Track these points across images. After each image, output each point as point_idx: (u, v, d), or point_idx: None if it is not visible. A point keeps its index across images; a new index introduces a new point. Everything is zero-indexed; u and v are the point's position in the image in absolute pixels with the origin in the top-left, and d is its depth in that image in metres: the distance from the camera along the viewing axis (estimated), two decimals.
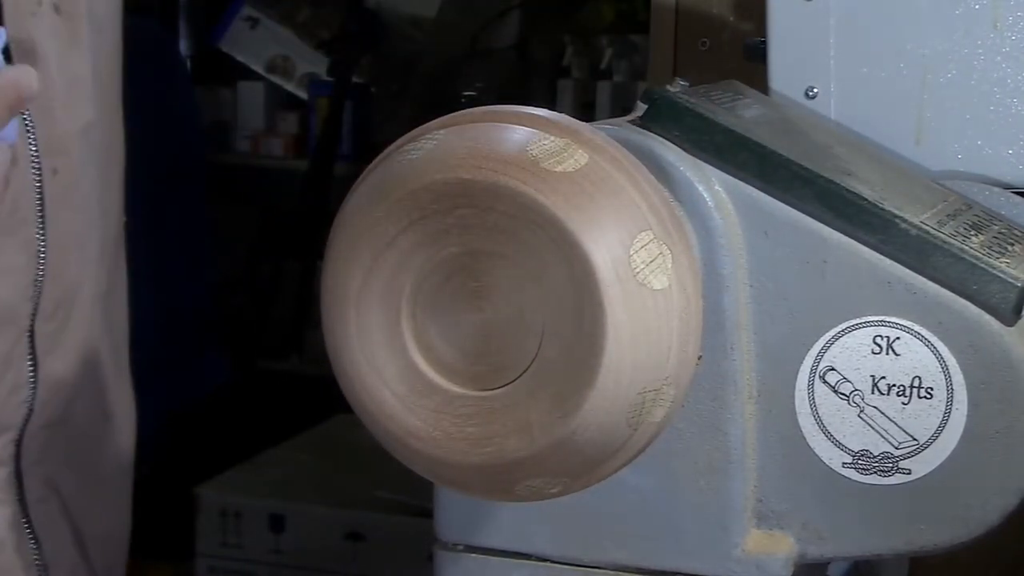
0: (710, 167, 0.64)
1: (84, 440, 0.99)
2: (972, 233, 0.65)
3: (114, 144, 1.01)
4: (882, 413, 0.63)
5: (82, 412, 0.98)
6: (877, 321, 0.62)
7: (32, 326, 0.92)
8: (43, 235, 0.91)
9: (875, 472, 0.63)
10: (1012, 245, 0.66)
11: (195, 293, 2.60)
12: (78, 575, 1.00)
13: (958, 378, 0.62)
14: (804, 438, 0.64)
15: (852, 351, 0.63)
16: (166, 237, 2.40)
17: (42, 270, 0.91)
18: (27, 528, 0.95)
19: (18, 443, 0.93)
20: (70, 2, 0.93)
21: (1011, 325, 0.61)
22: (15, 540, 0.94)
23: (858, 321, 0.62)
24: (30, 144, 0.90)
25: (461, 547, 0.69)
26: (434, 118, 0.59)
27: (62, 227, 0.93)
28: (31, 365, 0.92)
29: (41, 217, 0.91)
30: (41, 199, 0.91)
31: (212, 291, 2.77)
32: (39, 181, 0.90)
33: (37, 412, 0.93)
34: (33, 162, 0.90)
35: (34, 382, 0.93)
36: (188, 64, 2.99)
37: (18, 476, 0.93)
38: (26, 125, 0.89)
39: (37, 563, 0.95)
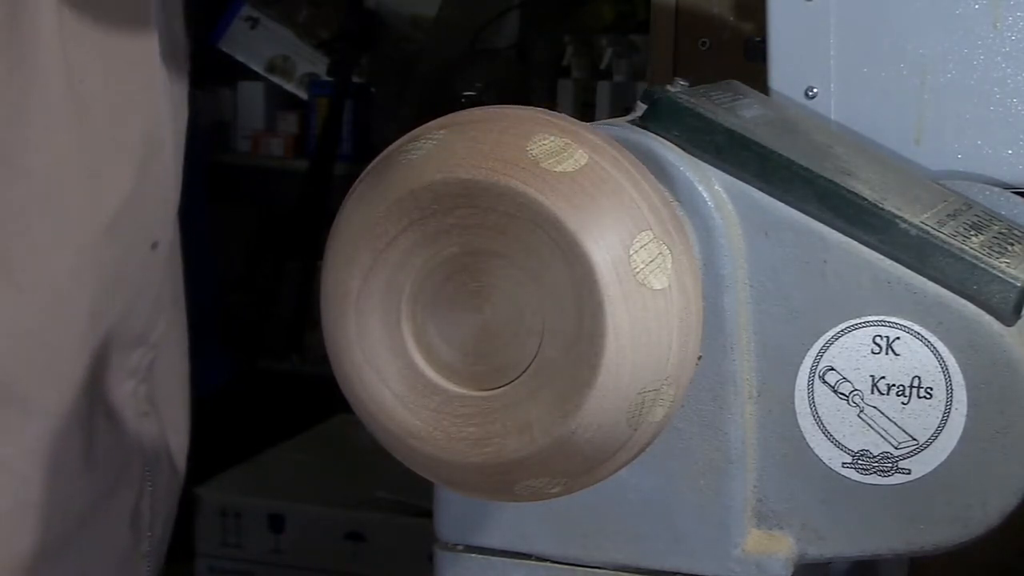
0: (710, 167, 0.64)
1: (170, 360, 1.06)
2: (972, 233, 0.65)
3: None
4: (882, 413, 0.63)
5: (166, 331, 1.05)
6: (877, 321, 0.62)
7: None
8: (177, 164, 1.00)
9: (875, 472, 0.63)
10: (1012, 245, 0.66)
11: (195, 293, 2.60)
12: (169, 482, 1.07)
13: (958, 378, 0.62)
14: (804, 438, 0.64)
15: (852, 351, 0.63)
16: None
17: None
18: (139, 439, 1.01)
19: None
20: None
21: (1011, 325, 0.61)
22: (139, 447, 1.01)
23: (858, 321, 0.62)
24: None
25: (461, 547, 0.69)
26: (434, 118, 0.59)
27: (179, 160, 1.02)
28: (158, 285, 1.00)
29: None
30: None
31: (212, 291, 2.77)
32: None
33: (152, 330, 1.00)
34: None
35: (156, 302, 1.00)
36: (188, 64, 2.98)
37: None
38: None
39: (147, 471, 1.02)
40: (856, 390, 0.63)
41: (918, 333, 0.62)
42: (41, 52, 0.89)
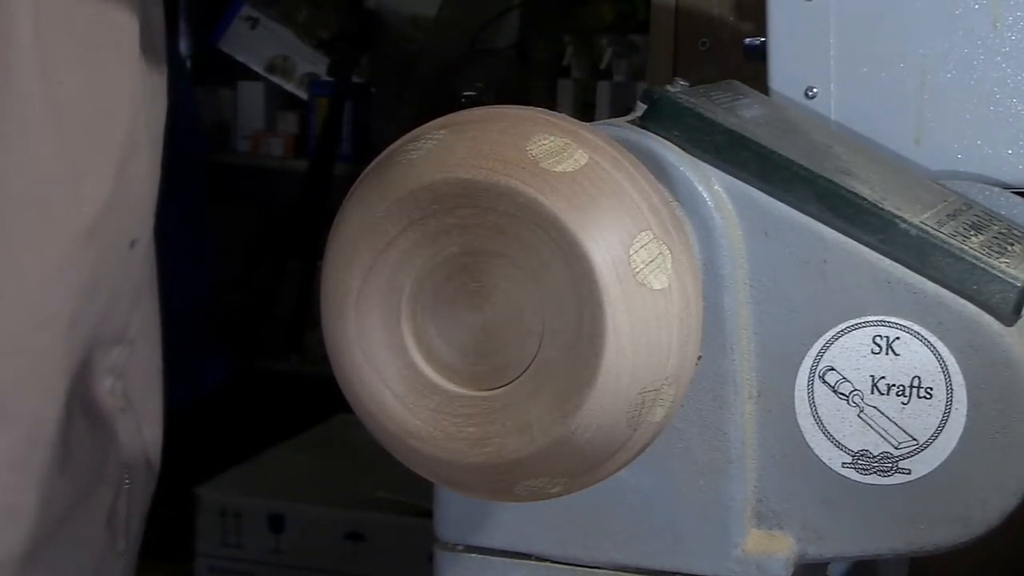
0: (710, 167, 0.64)
1: (145, 355, 1.06)
2: (972, 233, 0.65)
3: None
4: (882, 413, 0.63)
5: (141, 326, 1.05)
6: (877, 321, 0.62)
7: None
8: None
9: (875, 472, 0.63)
10: (1012, 245, 0.66)
11: (195, 293, 2.60)
12: (145, 477, 1.06)
13: (958, 378, 0.62)
14: (804, 438, 0.64)
15: (852, 351, 0.63)
16: (166, 237, 2.39)
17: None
18: (116, 435, 1.01)
19: None
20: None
21: (1011, 325, 0.61)
22: (116, 444, 1.01)
23: (858, 321, 0.62)
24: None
25: (461, 547, 0.69)
26: (434, 118, 0.59)
27: (156, 160, 1.01)
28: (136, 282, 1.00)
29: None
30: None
31: (212, 291, 2.77)
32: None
33: (129, 326, 1.00)
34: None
35: (134, 298, 1.00)
36: (188, 64, 2.99)
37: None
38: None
39: (125, 467, 1.02)
40: (856, 390, 0.63)
41: (918, 333, 0.62)
42: (14, 54, 0.88)
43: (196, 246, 2.61)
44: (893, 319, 0.62)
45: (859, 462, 0.63)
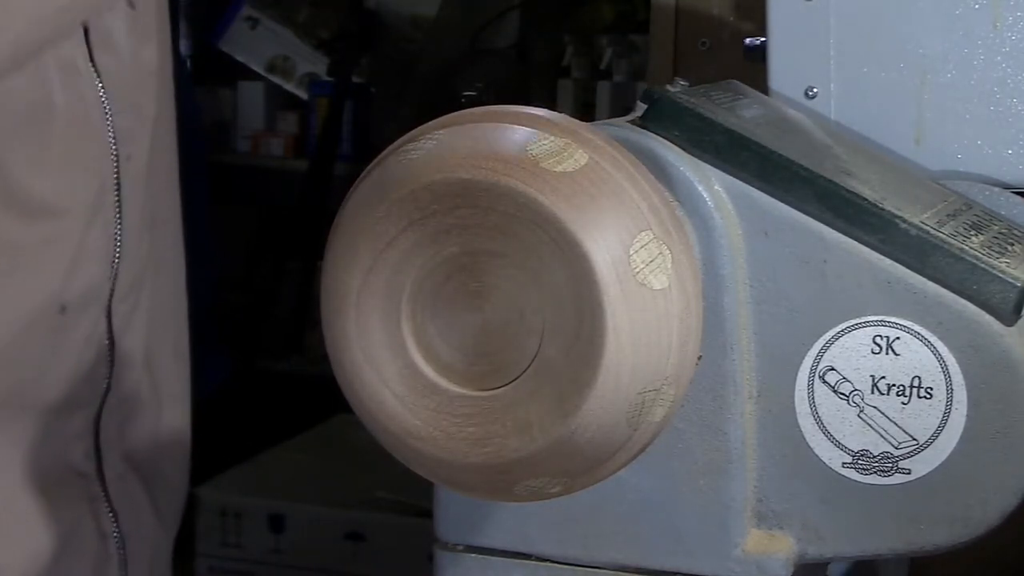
0: (710, 167, 0.64)
1: (154, 413, 1.03)
2: (972, 233, 0.65)
3: (171, 136, 1.08)
4: (882, 413, 0.63)
5: (151, 387, 1.02)
6: (877, 321, 0.62)
7: (110, 306, 0.96)
8: (119, 218, 0.95)
9: (875, 472, 0.63)
10: (1012, 245, 0.66)
11: (195, 292, 2.59)
12: (155, 540, 1.04)
13: (958, 378, 0.62)
14: (804, 438, 0.64)
15: (852, 351, 0.63)
16: None
17: (118, 252, 0.95)
18: (105, 503, 0.98)
19: (97, 419, 0.96)
20: None
21: (1011, 325, 0.61)
22: (94, 513, 0.97)
23: (858, 321, 0.62)
24: (108, 132, 0.94)
25: (461, 547, 0.69)
26: (434, 118, 0.59)
27: (136, 211, 0.97)
28: (108, 343, 0.96)
29: (117, 201, 0.95)
30: (118, 184, 0.95)
31: (212, 291, 2.76)
32: (116, 166, 0.95)
33: (113, 389, 0.97)
34: (111, 149, 0.94)
35: (111, 360, 0.96)
36: (188, 64, 2.99)
37: (97, 451, 0.97)
38: (105, 114, 0.93)
39: (115, 535, 0.98)
40: (856, 390, 0.63)
41: (918, 333, 0.62)
42: None
43: (196, 246, 2.61)
44: (893, 319, 0.62)
45: (859, 462, 0.63)
